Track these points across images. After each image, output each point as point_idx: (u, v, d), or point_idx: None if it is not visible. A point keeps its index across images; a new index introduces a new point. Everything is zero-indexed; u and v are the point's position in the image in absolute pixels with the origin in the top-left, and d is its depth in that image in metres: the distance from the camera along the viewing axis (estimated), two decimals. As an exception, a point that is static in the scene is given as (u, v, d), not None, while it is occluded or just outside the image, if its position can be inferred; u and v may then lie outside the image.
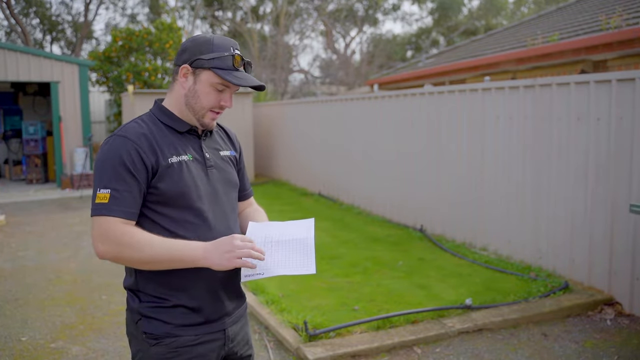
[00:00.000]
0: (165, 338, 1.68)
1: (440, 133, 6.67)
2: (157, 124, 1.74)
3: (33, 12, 26.14)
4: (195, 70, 1.70)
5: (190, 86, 1.72)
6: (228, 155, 1.89)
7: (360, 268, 5.52)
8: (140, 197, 1.64)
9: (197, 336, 1.72)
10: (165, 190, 1.66)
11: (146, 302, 1.70)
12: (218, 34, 1.85)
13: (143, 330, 1.70)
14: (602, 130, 4.61)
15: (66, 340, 4.00)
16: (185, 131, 1.77)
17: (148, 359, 1.70)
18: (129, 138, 1.65)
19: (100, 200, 1.60)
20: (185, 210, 1.69)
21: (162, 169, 1.65)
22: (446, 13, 27.16)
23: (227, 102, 1.74)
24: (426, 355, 3.71)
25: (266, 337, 4.05)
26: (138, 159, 1.62)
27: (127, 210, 1.61)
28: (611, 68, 7.29)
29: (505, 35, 11.96)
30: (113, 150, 1.63)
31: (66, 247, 6.75)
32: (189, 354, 1.70)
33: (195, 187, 1.71)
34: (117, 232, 1.58)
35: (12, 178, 13.69)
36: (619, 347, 3.79)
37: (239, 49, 1.75)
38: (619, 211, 4.45)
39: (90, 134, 12.44)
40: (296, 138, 11.41)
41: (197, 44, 1.71)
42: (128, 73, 13.38)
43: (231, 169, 1.88)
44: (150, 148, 1.66)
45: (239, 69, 1.71)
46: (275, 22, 26.26)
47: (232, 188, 1.86)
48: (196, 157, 1.76)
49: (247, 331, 1.94)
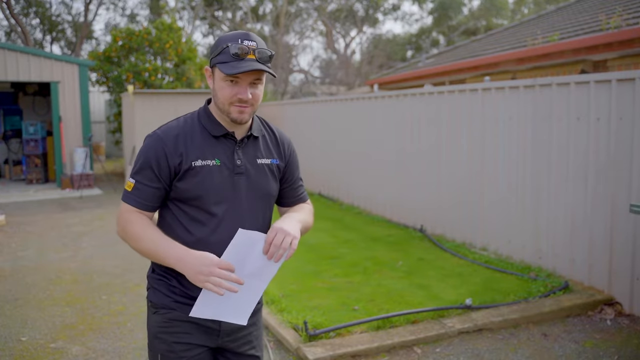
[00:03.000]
0: (162, 309, 1.84)
1: (440, 133, 6.67)
2: (196, 126, 1.82)
3: (33, 12, 26.14)
4: (212, 70, 1.78)
5: (212, 86, 1.79)
6: (268, 163, 1.88)
7: (360, 268, 5.52)
8: (160, 192, 1.78)
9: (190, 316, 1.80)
10: (183, 189, 1.76)
11: (156, 274, 1.87)
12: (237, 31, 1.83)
13: (149, 298, 1.89)
14: (602, 130, 4.61)
15: (66, 340, 4.00)
16: (220, 135, 1.80)
17: (150, 325, 1.89)
18: (161, 138, 1.77)
19: (126, 187, 1.79)
20: (200, 210, 1.77)
21: (184, 171, 1.75)
22: (446, 13, 27.15)
23: (243, 94, 1.71)
24: (426, 355, 3.71)
25: (266, 337, 4.04)
26: (163, 160, 1.75)
27: (142, 201, 1.77)
28: (611, 68, 7.29)
29: (505, 35, 11.96)
30: (146, 146, 1.79)
31: (66, 247, 6.75)
32: (180, 327, 1.82)
33: (214, 191, 1.76)
34: (125, 218, 1.78)
35: (12, 178, 13.68)
36: (619, 347, 3.79)
37: (250, 39, 1.71)
38: (619, 211, 4.45)
39: (90, 134, 12.44)
40: (296, 138, 11.38)
41: (213, 45, 1.79)
42: (128, 73, 13.39)
43: (266, 178, 1.87)
44: (176, 150, 1.75)
45: (241, 58, 1.69)
46: (275, 22, 26.26)
47: (261, 197, 1.85)
48: (225, 163, 1.79)
49: (253, 332, 1.95)
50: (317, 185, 10.27)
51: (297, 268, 5.51)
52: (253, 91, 1.74)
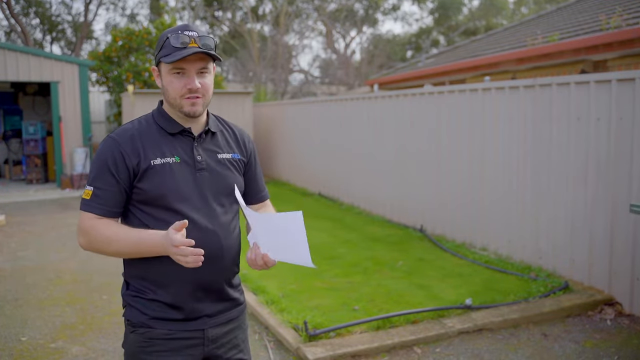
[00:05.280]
0: (140, 327, 1.76)
1: (440, 133, 6.67)
2: (151, 126, 1.79)
3: (33, 12, 26.14)
4: (159, 67, 1.77)
5: (161, 84, 1.77)
6: (229, 158, 1.86)
7: (360, 268, 5.52)
8: (121, 196, 1.73)
9: (171, 331, 1.75)
10: (145, 190, 1.72)
11: (131, 290, 1.80)
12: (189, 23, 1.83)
13: (125, 316, 1.81)
14: (602, 130, 4.61)
15: (66, 340, 4.00)
16: (177, 132, 1.78)
17: (127, 343, 1.81)
18: (116, 140, 1.74)
19: (84, 196, 1.73)
20: (166, 210, 1.72)
21: (143, 171, 1.71)
22: (446, 13, 27.16)
23: (191, 83, 1.70)
24: (426, 355, 3.71)
25: (266, 337, 4.05)
26: (120, 161, 1.71)
27: (103, 207, 1.71)
28: (611, 68, 7.28)
29: (505, 35, 11.96)
30: (101, 151, 1.74)
31: (66, 247, 6.75)
32: (161, 346, 1.75)
33: (177, 189, 1.72)
34: (89, 226, 1.71)
35: (12, 178, 13.69)
36: (619, 347, 3.79)
37: (189, 29, 1.71)
38: (619, 211, 4.45)
39: (90, 134, 12.44)
40: (296, 138, 11.41)
41: (156, 45, 1.77)
42: (128, 73, 13.39)
43: (229, 173, 1.84)
44: (133, 150, 1.72)
45: (182, 47, 1.68)
46: (275, 22, 26.26)
47: (225, 191, 1.81)
48: (185, 159, 1.76)
49: (238, 335, 1.90)
50: (317, 185, 10.27)
51: (297, 268, 5.51)
52: (202, 80, 1.73)
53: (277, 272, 5.34)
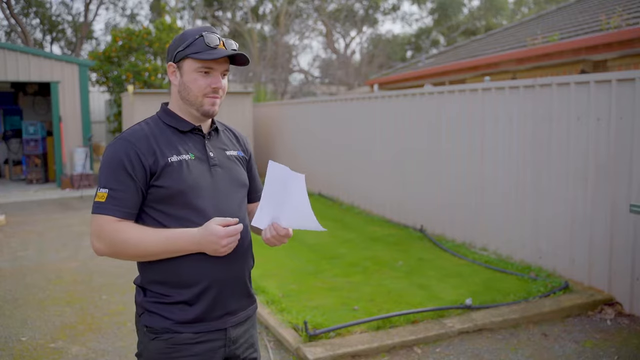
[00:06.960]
0: (164, 333, 1.72)
1: (440, 133, 6.66)
2: (160, 126, 1.79)
3: (33, 12, 26.15)
4: (178, 64, 1.76)
5: (179, 81, 1.77)
6: (235, 155, 1.89)
7: (360, 268, 5.52)
8: (138, 196, 1.69)
9: (197, 335, 1.73)
10: (164, 188, 1.69)
11: (150, 297, 1.75)
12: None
13: (144, 323, 1.75)
14: (602, 130, 4.61)
15: (66, 340, 4.00)
16: (188, 130, 1.79)
17: (148, 352, 1.75)
18: (129, 140, 1.71)
19: (98, 199, 1.68)
20: (185, 208, 1.71)
21: (161, 169, 1.69)
22: (446, 13, 27.15)
23: (217, 83, 1.74)
24: (426, 355, 3.71)
25: (266, 337, 4.05)
26: (136, 160, 1.68)
27: (122, 209, 1.67)
28: (611, 68, 7.29)
29: (505, 35, 11.95)
30: (114, 152, 1.70)
31: (66, 247, 6.75)
32: (187, 351, 1.72)
33: (195, 185, 1.72)
34: (110, 230, 1.66)
35: (12, 178, 13.69)
36: (619, 347, 3.79)
37: (216, 32, 1.76)
38: (619, 211, 4.45)
39: (90, 134, 12.44)
40: (296, 138, 11.41)
41: (175, 41, 1.78)
42: (128, 73, 13.39)
43: (239, 168, 1.88)
44: (149, 149, 1.70)
45: (215, 47, 1.72)
46: (275, 22, 26.27)
47: (238, 186, 1.85)
48: (199, 156, 1.77)
49: (253, 334, 1.93)
50: (317, 185, 10.27)
51: (297, 268, 5.51)
52: (223, 82, 1.77)
53: (277, 272, 5.34)
